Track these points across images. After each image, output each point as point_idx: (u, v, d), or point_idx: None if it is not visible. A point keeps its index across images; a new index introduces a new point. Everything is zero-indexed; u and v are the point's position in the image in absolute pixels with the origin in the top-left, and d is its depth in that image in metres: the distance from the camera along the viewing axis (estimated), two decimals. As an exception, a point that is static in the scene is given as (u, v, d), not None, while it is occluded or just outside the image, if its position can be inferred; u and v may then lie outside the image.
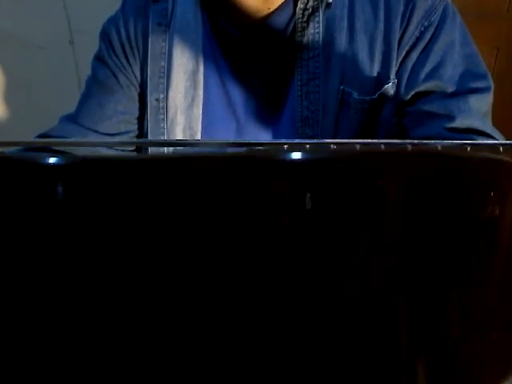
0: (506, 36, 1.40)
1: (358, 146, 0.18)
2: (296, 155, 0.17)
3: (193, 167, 0.17)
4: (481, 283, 0.19)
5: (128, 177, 0.17)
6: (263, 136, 0.63)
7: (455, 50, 0.55)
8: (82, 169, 0.17)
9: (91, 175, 0.17)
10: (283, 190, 0.17)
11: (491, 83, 0.55)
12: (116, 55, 0.66)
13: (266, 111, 0.63)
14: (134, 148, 0.70)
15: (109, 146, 0.59)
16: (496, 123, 0.56)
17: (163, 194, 0.17)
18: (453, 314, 0.18)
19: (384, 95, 0.58)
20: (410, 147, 0.18)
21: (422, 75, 0.55)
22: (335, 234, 0.17)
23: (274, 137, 0.63)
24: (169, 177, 0.17)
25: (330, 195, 0.17)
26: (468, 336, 0.19)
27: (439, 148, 0.18)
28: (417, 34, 0.55)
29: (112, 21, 0.67)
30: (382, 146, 0.19)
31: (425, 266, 0.18)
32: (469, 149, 0.19)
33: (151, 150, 0.66)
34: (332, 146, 0.21)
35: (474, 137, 0.53)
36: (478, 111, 0.54)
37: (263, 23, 0.59)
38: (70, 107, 0.71)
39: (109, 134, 0.67)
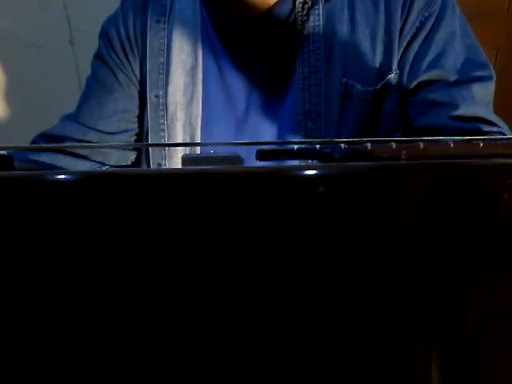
0: (506, 36, 1.40)
1: (369, 145, 0.18)
2: (311, 172, 0.16)
3: (206, 183, 0.17)
4: (498, 286, 0.19)
5: (140, 192, 0.17)
6: (264, 131, 0.63)
7: (456, 39, 0.56)
8: (93, 184, 0.17)
9: (103, 190, 0.17)
10: (300, 207, 0.17)
11: (493, 72, 0.56)
12: (116, 53, 0.66)
13: (267, 106, 0.63)
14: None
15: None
16: (496, 123, 0.56)
17: (175, 209, 0.17)
18: (470, 314, 0.18)
19: (387, 86, 0.58)
20: (422, 144, 0.18)
21: (424, 65, 0.56)
22: (354, 247, 0.17)
23: (276, 131, 0.63)
24: (180, 192, 0.17)
25: (346, 211, 0.17)
26: (485, 339, 0.19)
27: (457, 161, 0.18)
28: (417, 24, 0.56)
29: (111, 20, 0.67)
30: (393, 145, 0.19)
31: (444, 271, 0.17)
32: (481, 144, 0.19)
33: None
34: (343, 144, 0.21)
35: (479, 125, 0.52)
36: (481, 100, 0.54)
37: (263, 17, 0.59)
38: (70, 107, 0.71)
39: (109, 133, 0.67)
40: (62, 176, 0.17)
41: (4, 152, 0.18)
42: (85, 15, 1.22)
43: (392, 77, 0.57)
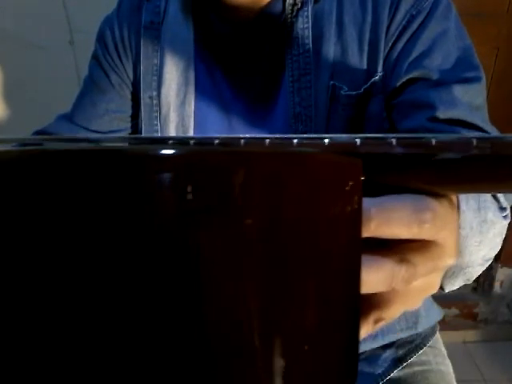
0: (506, 36, 1.40)
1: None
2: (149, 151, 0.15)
3: (54, 162, 0.15)
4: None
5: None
6: (256, 133, 0.62)
7: (448, 39, 0.53)
8: None
9: None
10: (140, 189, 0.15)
11: (482, 74, 0.52)
12: (110, 54, 0.66)
13: (258, 108, 0.62)
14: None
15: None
16: (495, 123, 0.55)
17: (26, 190, 0.15)
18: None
19: (372, 89, 0.56)
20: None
21: (406, 65, 0.53)
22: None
23: (267, 134, 0.62)
24: (27, 174, 0.15)
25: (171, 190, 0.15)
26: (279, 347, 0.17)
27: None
28: (404, 23, 0.54)
29: (107, 21, 0.68)
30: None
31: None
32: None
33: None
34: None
35: (459, 129, 0.49)
36: (466, 102, 0.50)
37: (253, 19, 0.59)
38: (70, 107, 0.72)
39: (101, 132, 0.68)
40: None
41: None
42: (85, 15, 1.22)
43: (377, 79, 0.55)
